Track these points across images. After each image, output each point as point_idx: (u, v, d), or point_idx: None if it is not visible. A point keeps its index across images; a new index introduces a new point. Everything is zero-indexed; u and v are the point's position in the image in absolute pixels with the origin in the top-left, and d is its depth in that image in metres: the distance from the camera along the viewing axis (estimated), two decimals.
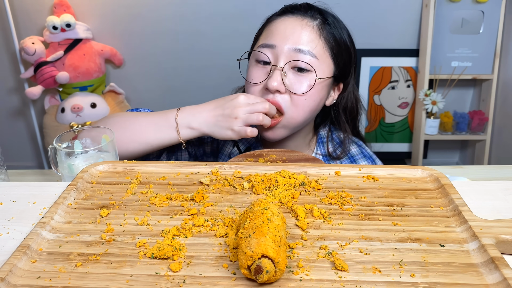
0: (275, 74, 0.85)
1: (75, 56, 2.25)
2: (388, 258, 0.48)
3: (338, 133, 1.01)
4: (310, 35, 0.86)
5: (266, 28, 0.92)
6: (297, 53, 0.85)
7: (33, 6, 2.29)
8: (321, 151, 1.00)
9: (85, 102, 2.27)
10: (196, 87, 2.48)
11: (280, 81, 0.85)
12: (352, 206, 0.58)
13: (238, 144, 0.98)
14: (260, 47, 0.89)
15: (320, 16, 0.89)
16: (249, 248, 0.43)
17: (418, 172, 0.66)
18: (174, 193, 0.61)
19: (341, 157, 0.98)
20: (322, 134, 1.01)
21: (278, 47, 0.86)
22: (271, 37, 0.88)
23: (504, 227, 0.51)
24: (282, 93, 0.86)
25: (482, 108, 2.41)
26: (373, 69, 2.46)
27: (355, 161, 0.98)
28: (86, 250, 0.49)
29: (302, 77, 0.86)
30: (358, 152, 0.99)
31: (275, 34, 0.88)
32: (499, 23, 2.26)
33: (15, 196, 0.62)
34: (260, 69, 0.88)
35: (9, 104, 2.52)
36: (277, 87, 0.85)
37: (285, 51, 0.85)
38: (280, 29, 0.87)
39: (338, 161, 0.98)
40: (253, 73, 0.89)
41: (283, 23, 0.88)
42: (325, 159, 0.99)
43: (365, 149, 1.01)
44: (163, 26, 2.35)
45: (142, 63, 2.44)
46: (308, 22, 0.87)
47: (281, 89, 0.85)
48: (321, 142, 1.00)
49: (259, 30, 0.95)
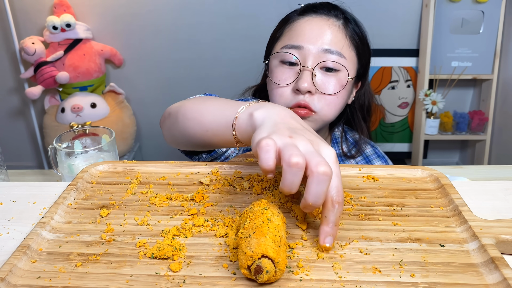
0: (305, 75, 0.84)
1: (75, 56, 2.25)
2: (388, 258, 0.48)
3: (352, 133, 1.01)
4: (337, 35, 0.86)
5: (287, 28, 0.90)
6: (326, 53, 0.85)
7: (33, 6, 2.29)
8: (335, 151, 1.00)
9: (85, 102, 2.27)
10: (196, 86, 2.48)
11: (311, 82, 0.84)
12: (352, 206, 0.58)
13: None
14: (285, 48, 0.87)
15: (343, 15, 0.89)
16: (249, 248, 0.43)
17: (418, 172, 0.66)
18: (174, 193, 0.61)
19: (356, 156, 0.98)
20: (336, 135, 1.01)
21: (305, 47, 0.85)
22: (296, 38, 0.87)
23: (504, 227, 0.51)
24: (313, 93, 0.85)
25: (482, 108, 2.41)
26: (373, 69, 2.45)
27: (370, 161, 0.98)
28: (86, 250, 0.49)
29: (330, 77, 0.86)
30: (372, 152, 1.00)
31: (301, 35, 0.87)
32: (499, 23, 2.26)
33: (15, 196, 0.62)
34: (287, 70, 0.87)
35: (9, 104, 2.52)
36: (308, 88, 0.84)
37: (313, 51, 0.85)
38: (306, 30, 0.87)
39: (353, 160, 0.98)
40: (279, 74, 0.88)
41: (309, 23, 0.87)
42: (340, 159, 0.99)
43: (378, 149, 1.01)
44: (163, 26, 2.35)
45: (142, 63, 2.44)
46: (334, 22, 0.87)
47: (312, 90, 0.85)
48: (335, 143, 1.00)
49: (277, 30, 0.93)
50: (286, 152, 0.46)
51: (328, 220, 0.47)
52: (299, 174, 0.45)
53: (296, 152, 0.45)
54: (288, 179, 0.45)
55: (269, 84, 0.92)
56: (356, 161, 0.99)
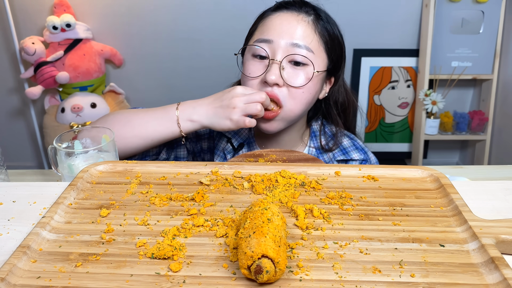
0: (273, 68, 0.87)
1: (75, 56, 2.25)
2: (388, 258, 0.48)
3: (330, 127, 1.03)
4: (306, 30, 0.89)
5: (261, 23, 0.94)
6: (294, 47, 0.88)
7: (33, 6, 2.29)
8: (314, 145, 1.02)
9: (85, 102, 2.27)
10: (196, 86, 2.48)
11: (278, 75, 0.87)
12: (352, 206, 0.58)
13: (232, 140, 0.99)
14: (256, 42, 0.91)
15: (313, 12, 0.92)
16: (249, 248, 0.43)
17: (418, 172, 0.66)
18: (174, 193, 0.61)
19: (333, 149, 1.00)
20: (314, 128, 1.03)
21: (275, 41, 0.88)
22: (267, 32, 0.90)
23: (504, 227, 0.51)
24: (280, 86, 0.88)
25: (482, 108, 2.41)
26: (373, 69, 2.46)
27: (347, 153, 0.99)
28: (86, 250, 0.49)
29: (299, 71, 0.88)
30: (350, 144, 1.01)
31: (271, 29, 0.90)
32: (499, 23, 2.26)
33: (15, 196, 0.62)
34: (257, 64, 0.90)
35: (9, 104, 2.52)
36: (275, 80, 0.87)
37: (282, 45, 0.88)
38: (276, 24, 0.90)
39: (330, 153, 0.99)
40: (250, 67, 0.91)
41: (279, 18, 0.90)
42: (318, 152, 1.01)
43: (357, 142, 1.02)
44: (163, 26, 2.35)
45: (142, 63, 2.44)
46: (304, 18, 0.90)
47: (279, 82, 0.87)
48: (314, 136, 1.03)
49: (253, 26, 0.97)
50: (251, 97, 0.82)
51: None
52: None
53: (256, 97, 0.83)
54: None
55: (241, 78, 0.96)
56: (333, 153, 1.00)
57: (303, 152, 1.00)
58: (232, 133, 1.00)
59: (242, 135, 1.01)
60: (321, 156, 1.01)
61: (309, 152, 1.01)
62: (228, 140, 1.00)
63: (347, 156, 0.99)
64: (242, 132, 1.01)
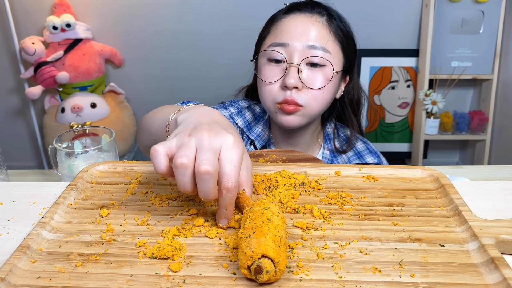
0: (292, 71, 0.87)
1: (75, 56, 2.25)
2: (388, 258, 0.48)
3: (344, 130, 1.04)
4: (321, 30, 0.89)
5: (273, 27, 0.93)
6: (311, 49, 0.87)
7: (33, 6, 2.29)
8: (328, 147, 1.03)
9: (85, 102, 2.27)
10: (196, 86, 2.48)
11: (297, 78, 0.87)
12: (352, 206, 0.58)
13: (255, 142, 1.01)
14: (271, 46, 0.90)
15: (326, 12, 0.92)
16: (249, 248, 0.43)
17: (418, 172, 0.66)
18: (174, 193, 0.61)
19: (347, 150, 1.00)
20: (329, 131, 1.04)
21: (291, 45, 0.88)
22: (282, 36, 0.90)
23: (504, 227, 0.51)
24: (300, 89, 0.88)
25: (482, 108, 2.41)
26: (373, 69, 2.46)
27: (362, 157, 1.00)
28: (86, 250, 0.49)
29: (317, 72, 0.88)
30: (364, 148, 1.02)
31: (286, 33, 0.89)
32: (499, 23, 2.26)
33: (15, 196, 0.62)
34: (274, 68, 0.90)
35: (9, 104, 2.52)
36: (295, 84, 0.86)
37: (299, 48, 0.88)
38: (291, 27, 0.89)
39: (345, 156, 1.00)
40: (267, 72, 0.91)
41: (293, 21, 0.90)
42: (332, 155, 1.01)
43: (370, 145, 1.03)
44: (163, 26, 2.35)
45: (142, 63, 2.44)
46: (317, 18, 0.90)
47: (298, 86, 0.87)
48: (328, 139, 1.03)
49: (264, 30, 0.96)
50: (176, 154, 0.49)
51: (219, 205, 0.51)
52: (186, 173, 0.49)
53: (182, 153, 0.48)
54: (178, 179, 0.49)
55: (258, 82, 0.95)
56: (348, 156, 1.00)
57: (318, 154, 1.02)
58: (255, 135, 1.00)
59: (263, 138, 1.01)
60: (336, 160, 1.01)
61: (324, 153, 1.02)
62: (252, 142, 1.00)
63: (362, 160, 0.99)
64: (263, 135, 1.01)
